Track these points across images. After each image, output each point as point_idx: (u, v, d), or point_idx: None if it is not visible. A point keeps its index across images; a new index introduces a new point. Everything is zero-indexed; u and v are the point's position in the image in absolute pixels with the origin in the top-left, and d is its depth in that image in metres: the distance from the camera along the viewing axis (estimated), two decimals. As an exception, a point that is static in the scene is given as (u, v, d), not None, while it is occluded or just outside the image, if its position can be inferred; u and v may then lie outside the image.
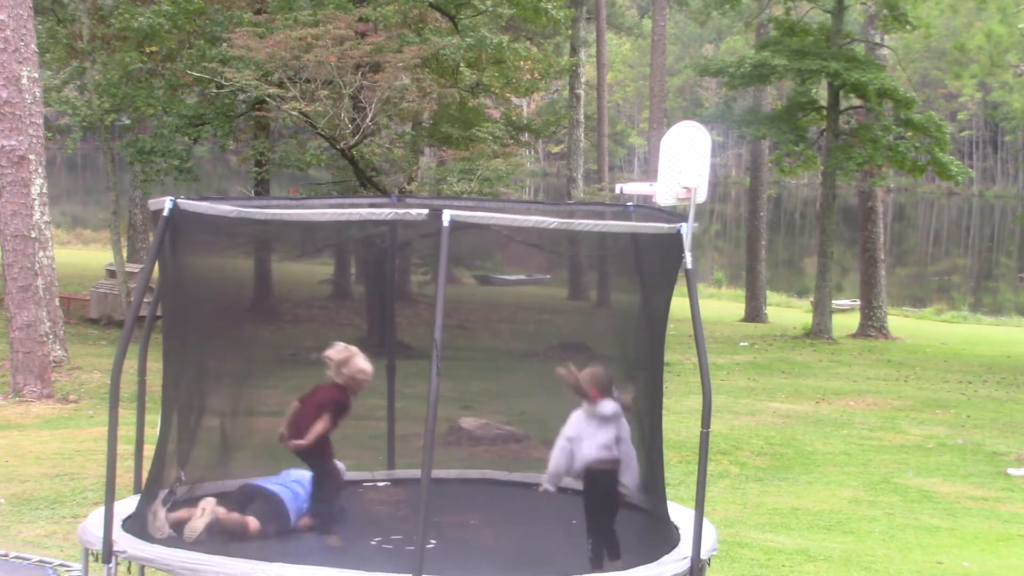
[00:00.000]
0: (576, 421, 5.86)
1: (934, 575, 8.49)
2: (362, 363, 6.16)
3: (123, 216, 25.83)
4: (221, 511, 5.91)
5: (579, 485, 5.99)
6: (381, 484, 7.20)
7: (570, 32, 28.92)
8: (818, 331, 25.69)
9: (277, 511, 6.14)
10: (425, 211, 5.21)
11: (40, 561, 7.04)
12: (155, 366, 6.14)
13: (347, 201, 8.43)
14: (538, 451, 8.03)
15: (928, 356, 23.73)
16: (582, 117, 29.94)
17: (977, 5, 24.44)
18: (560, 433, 5.91)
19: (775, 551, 8.65)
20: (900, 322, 30.40)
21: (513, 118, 23.70)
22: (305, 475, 6.43)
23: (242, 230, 6.17)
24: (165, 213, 5.63)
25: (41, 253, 14.25)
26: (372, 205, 7.72)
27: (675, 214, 5.98)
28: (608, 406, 5.79)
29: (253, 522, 5.99)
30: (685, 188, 5.89)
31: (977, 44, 23.01)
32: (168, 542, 5.56)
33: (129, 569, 5.99)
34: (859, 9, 28.11)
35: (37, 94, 14.21)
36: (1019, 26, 21.93)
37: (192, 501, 6.06)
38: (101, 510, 5.60)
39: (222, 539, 5.75)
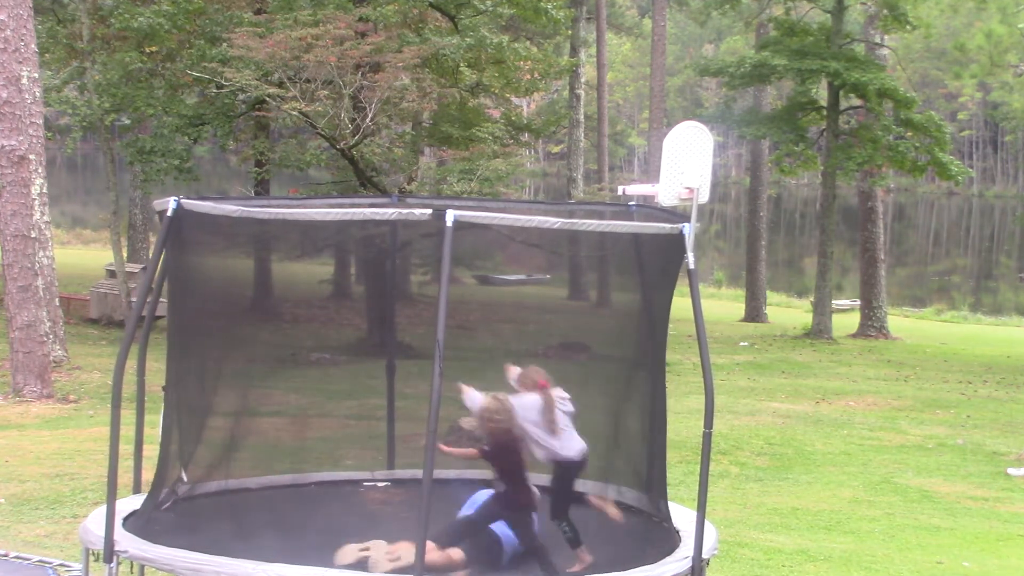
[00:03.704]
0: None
1: (934, 575, 8.49)
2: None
3: (123, 216, 25.81)
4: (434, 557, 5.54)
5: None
6: (381, 484, 7.20)
7: (570, 32, 28.91)
8: (818, 331, 25.67)
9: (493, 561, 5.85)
10: (428, 211, 5.20)
11: (40, 561, 7.03)
12: (155, 366, 6.14)
13: (347, 201, 8.43)
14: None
15: (928, 356, 23.72)
16: (582, 117, 29.93)
17: (977, 5, 24.39)
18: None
19: (775, 551, 8.64)
20: (900, 322, 30.38)
21: (513, 118, 23.69)
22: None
23: (244, 230, 6.17)
24: (169, 213, 5.63)
25: (41, 253, 14.25)
26: (373, 205, 7.72)
27: (676, 214, 5.99)
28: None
29: (458, 555, 5.77)
30: (687, 188, 5.90)
31: (977, 44, 22.97)
32: (168, 542, 5.55)
33: (131, 569, 5.99)
34: (859, 9, 28.09)
35: (37, 94, 14.20)
36: (1019, 26, 21.91)
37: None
38: (102, 510, 5.60)
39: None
